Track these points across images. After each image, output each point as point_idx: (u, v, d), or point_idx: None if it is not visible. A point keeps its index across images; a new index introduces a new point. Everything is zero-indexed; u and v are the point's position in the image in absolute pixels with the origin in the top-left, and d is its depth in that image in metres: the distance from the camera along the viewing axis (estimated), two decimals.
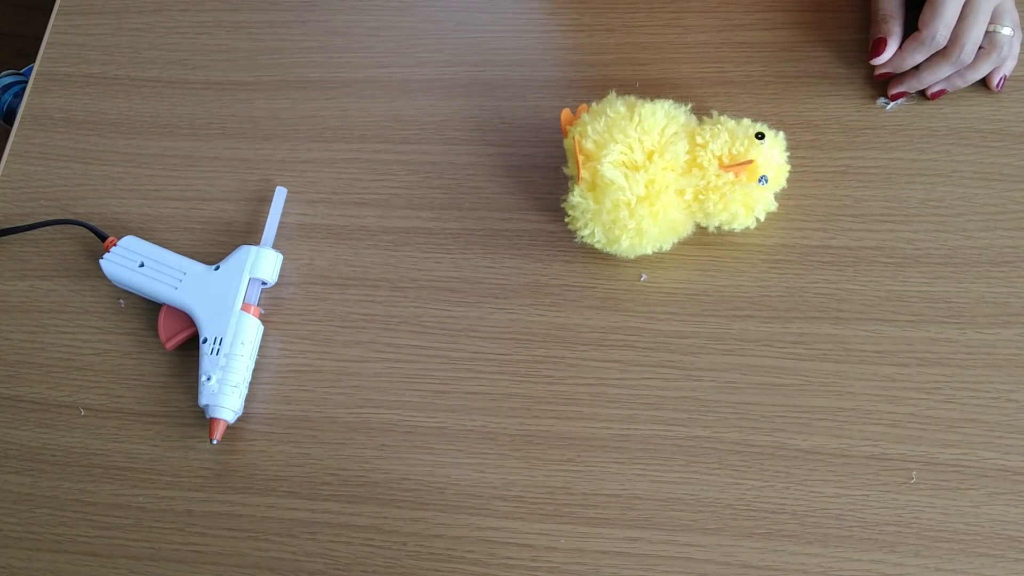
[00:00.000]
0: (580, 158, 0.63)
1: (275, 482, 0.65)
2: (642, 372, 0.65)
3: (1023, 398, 0.61)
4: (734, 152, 0.62)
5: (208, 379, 0.65)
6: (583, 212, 0.63)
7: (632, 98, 0.65)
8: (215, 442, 0.65)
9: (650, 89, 0.72)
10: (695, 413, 0.63)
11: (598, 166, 0.62)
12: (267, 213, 0.71)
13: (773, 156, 0.63)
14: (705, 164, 0.62)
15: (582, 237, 0.65)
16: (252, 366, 0.67)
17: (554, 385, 0.65)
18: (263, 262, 0.68)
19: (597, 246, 0.65)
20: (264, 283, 0.69)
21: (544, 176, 0.71)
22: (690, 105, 0.66)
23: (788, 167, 0.65)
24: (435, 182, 0.72)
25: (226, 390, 0.65)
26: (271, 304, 0.70)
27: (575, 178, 0.64)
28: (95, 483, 0.67)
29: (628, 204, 0.61)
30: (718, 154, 0.62)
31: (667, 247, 0.65)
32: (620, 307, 0.66)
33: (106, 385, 0.70)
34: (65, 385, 0.70)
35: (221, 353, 0.66)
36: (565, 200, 0.65)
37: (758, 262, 0.66)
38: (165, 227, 0.74)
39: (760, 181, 0.62)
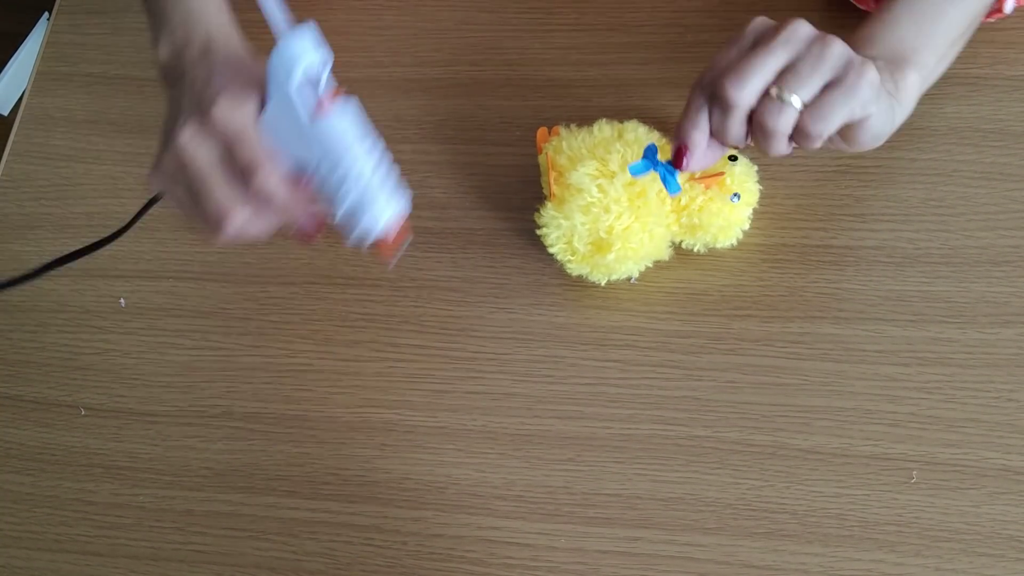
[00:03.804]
0: (553, 174, 0.62)
1: (275, 481, 0.65)
2: (642, 372, 0.64)
3: (1023, 398, 0.61)
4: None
5: (340, 208, 0.51)
6: (556, 227, 0.62)
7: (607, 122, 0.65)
8: (392, 264, 0.53)
9: (650, 89, 0.72)
10: (695, 413, 0.63)
11: (568, 176, 0.61)
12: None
13: (744, 178, 0.63)
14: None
15: (555, 254, 0.64)
16: (372, 154, 0.52)
17: (554, 385, 0.65)
18: (294, 52, 0.49)
19: (569, 265, 0.64)
20: (317, 73, 0.50)
21: None
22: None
23: (759, 188, 0.64)
24: (435, 181, 0.72)
25: (366, 197, 0.51)
26: (271, 304, 0.70)
27: (548, 195, 0.63)
28: (95, 483, 0.67)
29: (605, 210, 0.60)
30: None
31: (639, 271, 0.65)
32: (620, 307, 0.66)
33: (106, 385, 0.70)
34: (65, 385, 0.70)
35: (330, 175, 0.51)
36: (539, 214, 0.64)
37: (758, 262, 0.66)
38: (165, 227, 0.74)
39: (732, 198, 0.62)
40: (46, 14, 1.77)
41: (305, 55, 0.49)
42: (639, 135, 0.63)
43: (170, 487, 0.66)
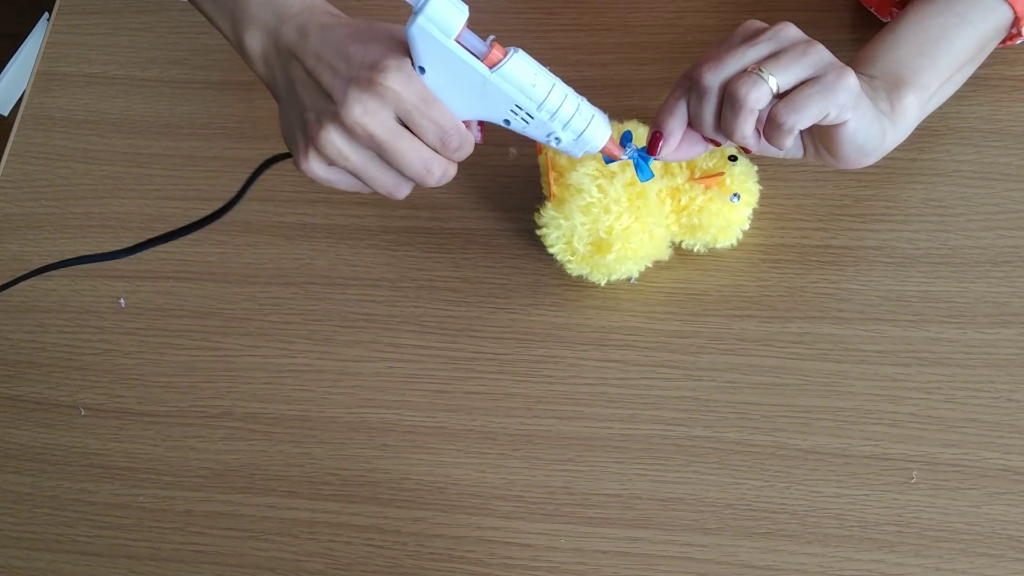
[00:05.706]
0: (553, 174, 0.62)
1: (275, 482, 0.65)
2: (642, 372, 0.64)
3: (1023, 398, 0.61)
4: (706, 167, 0.62)
5: (557, 141, 0.53)
6: (556, 227, 0.62)
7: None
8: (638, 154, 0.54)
9: (650, 89, 0.72)
10: (695, 413, 0.63)
11: (568, 177, 0.61)
12: None
13: (744, 178, 0.63)
14: (676, 172, 0.62)
15: (555, 254, 0.64)
16: (560, 85, 0.52)
17: (554, 385, 0.65)
18: (443, 12, 0.48)
19: (569, 266, 0.64)
20: (464, 27, 0.50)
21: None
22: None
23: (759, 188, 0.64)
24: None
25: (583, 116, 0.52)
26: (271, 304, 0.70)
27: (548, 195, 0.63)
28: (95, 483, 0.67)
29: (605, 211, 0.60)
30: (691, 166, 0.62)
31: (639, 272, 0.65)
32: (620, 307, 0.66)
33: (106, 385, 0.70)
34: (65, 385, 0.70)
35: (532, 113, 0.52)
36: (539, 214, 0.64)
37: (758, 262, 0.66)
38: (165, 227, 0.73)
39: (732, 199, 0.62)
40: (46, 14, 1.77)
41: (454, 13, 0.49)
42: (639, 135, 0.63)
43: (170, 487, 0.66)
